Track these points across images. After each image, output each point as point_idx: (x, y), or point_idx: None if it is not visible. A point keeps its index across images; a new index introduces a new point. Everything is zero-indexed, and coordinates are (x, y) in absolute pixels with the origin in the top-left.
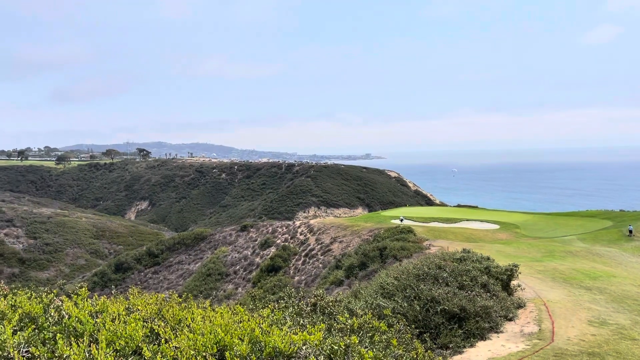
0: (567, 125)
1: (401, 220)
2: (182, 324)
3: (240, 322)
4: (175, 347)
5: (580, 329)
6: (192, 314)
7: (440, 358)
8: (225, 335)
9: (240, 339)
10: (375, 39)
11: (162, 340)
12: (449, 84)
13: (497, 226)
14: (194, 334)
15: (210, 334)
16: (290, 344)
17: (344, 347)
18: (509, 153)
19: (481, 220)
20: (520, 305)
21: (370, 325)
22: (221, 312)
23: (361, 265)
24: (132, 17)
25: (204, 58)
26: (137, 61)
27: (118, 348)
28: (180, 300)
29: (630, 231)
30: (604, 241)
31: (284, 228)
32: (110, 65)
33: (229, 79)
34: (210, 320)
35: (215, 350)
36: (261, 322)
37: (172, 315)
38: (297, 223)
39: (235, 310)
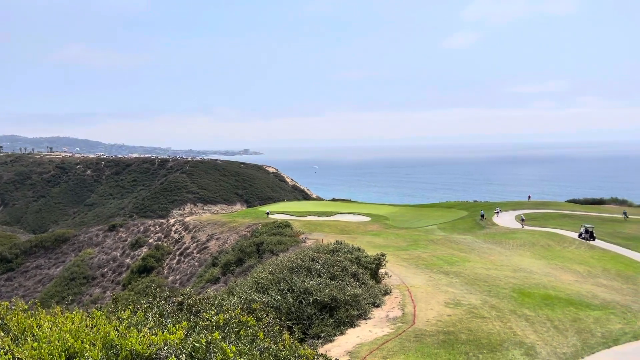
0: (433, 123)
1: (267, 214)
2: (26, 333)
3: (95, 326)
4: (18, 358)
5: (438, 311)
6: (39, 321)
7: (308, 348)
8: (75, 341)
9: (92, 344)
10: (253, 34)
11: (1, 352)
12: (327, 83)
13: (368, 218)
14: (39, 342)
15: (58, 341)
16: (150, 345)
17: (205, 344)
18: (382, 149)
19: (354, 213)
20: (387, 292)
21: (237, 320)
22: (72, 318)
23: (238, 262)
24: None
25: (62, 44)
26: None
27: None
28: (26, 307)
29: (482, 215)
30: (461, 229)
31: (157, 227)
32: None
33: (93, 68)
34: (59, 327)
35: (63, 358)
36: (118, 324)
37: (16, 324)
38: (172, 221)
39: (91, 314)
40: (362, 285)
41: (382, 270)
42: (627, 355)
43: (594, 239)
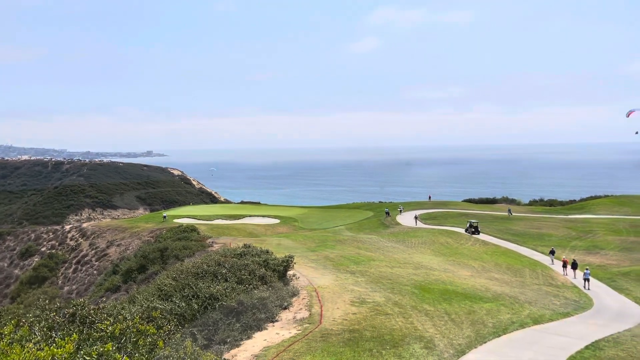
0: (341, 126)
1: (164, 217)
2: None
3: None
4: None
5: (344, 310)
6: None
7: (212, 354)
8: None
9: None
10: (155, 32)
11: None
12: (233, 84)
13: (277, 220)
14: None
15: None
16: None
17: (96, 357)
18: (291, 152)
19: (263, 216)
20: (295, 294)
21: (135, 330)
22: None
23: (140, 268)
24: None
25: None
26: None
27: None
28: None
29: (387, 213)
30: (367, 229)
31: (51, 234)
32: None
33: None
34: None
35: None
36: None
37: None
38: (67, 227)
39: None
40: (270, 288)
41: (290, 272)
42: (514, 342)
43: (478, 233)
